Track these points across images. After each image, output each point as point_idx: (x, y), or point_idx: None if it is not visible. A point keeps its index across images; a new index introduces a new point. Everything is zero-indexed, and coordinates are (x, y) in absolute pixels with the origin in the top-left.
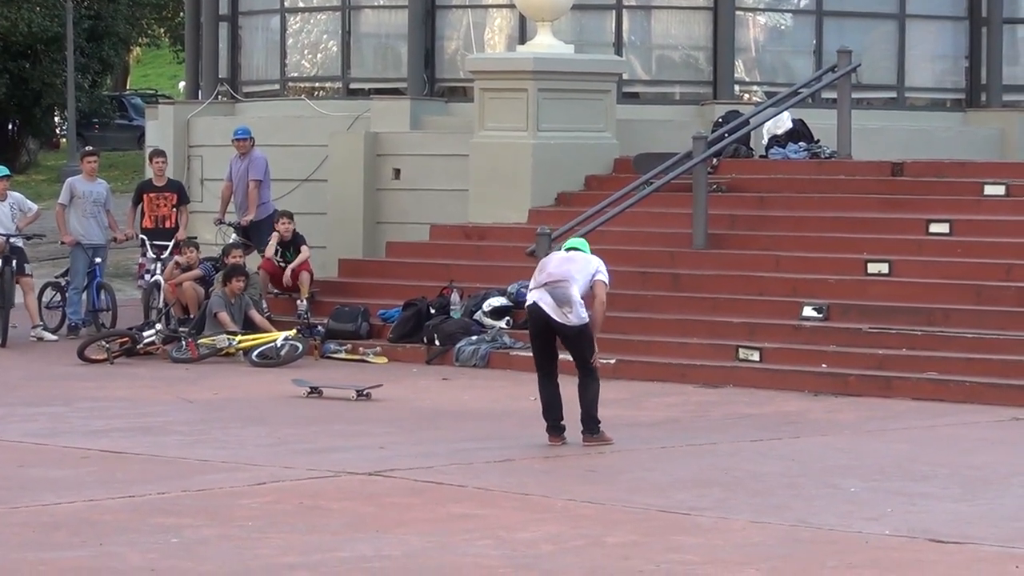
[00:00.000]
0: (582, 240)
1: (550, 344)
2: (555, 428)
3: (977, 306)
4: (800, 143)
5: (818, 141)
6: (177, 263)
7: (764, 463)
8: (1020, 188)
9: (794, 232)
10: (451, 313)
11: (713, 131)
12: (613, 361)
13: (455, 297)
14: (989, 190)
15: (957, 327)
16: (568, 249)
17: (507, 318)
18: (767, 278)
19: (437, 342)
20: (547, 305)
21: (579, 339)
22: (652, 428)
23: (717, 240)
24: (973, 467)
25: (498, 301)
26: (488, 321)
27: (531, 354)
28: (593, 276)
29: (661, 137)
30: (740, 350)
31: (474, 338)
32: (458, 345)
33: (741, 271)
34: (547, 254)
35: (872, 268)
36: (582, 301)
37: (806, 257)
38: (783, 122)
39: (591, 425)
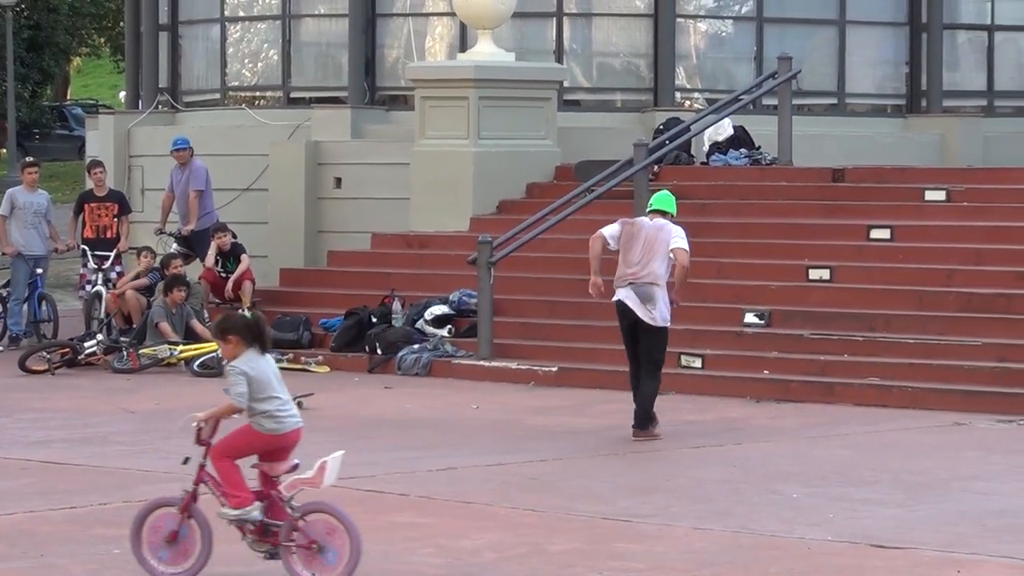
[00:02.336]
0: (667, 197)
1: (636, 338)
2: (639, 422)
3: (919, 312)
4: (741, 150)
5: (759, 148)
6: (138, 274)
7: (707, 469)
8: (961, 193)
9: (736, 239)
10: (393, 322)
11: (654, 138)
12: (555, 369)
13: (397, 306)
14: (930, 196)
15: (899, 333)
16: (653, 211)
17: (449, 326)
18: (709, 285)
19: (379, 351)
20: (632, 302)
21: (656, 337)
22: (595, 435)
23: None
24: (915, 472)
25: (440, 309)
26: (430, 329)
27: (473, 362)
28: (671, 246)
29: (602, 144)
30: (682, 357)
31: (416, 347)
32: (400, 354)
33: None
34: (631, 224)
35: (814, 274)
36: (667, 301)
37: (748, 264)
38: (724, 129)
39: (643, 421)
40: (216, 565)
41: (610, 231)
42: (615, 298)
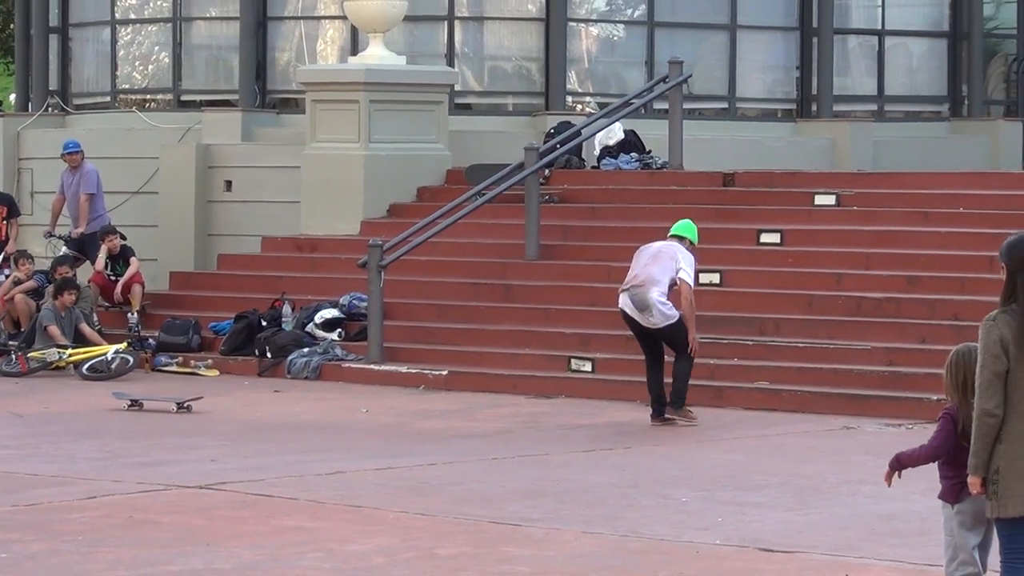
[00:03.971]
0: (686, 224)
1: (647, 337)
2: (655, 410)
3: (808, 315)
4: (632, 154)
5: (650, 152)
6: (17, 280)
7: (596, 473)
8: (850, 198)
9: (626, 242)
10: (283, 325)
11: (545, 142)
12: (445, 373)
13: (287, 309)
14: (820, 200)
15: (788, 336)
16: (672, 236)
17: (339, 330)
18: (599, 288)
19: (269, 354)
20: (630, 308)
21: (669, 335)
22: (484, 439)
23: (549, 251)
24: (804, 476)
25: (330, 313)
26: (320, 333)
27: (363, 366)
28: (676, 273)
29: (493, 148)
30: (573, 361)
31: (306, 350)
32: (290, 357)
33: (573, 282)
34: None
35: (703, 278)
36: (666, 301)
37: None
38: (615, 133)
39: (676, 400)
40: None
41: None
42: (619, 305)
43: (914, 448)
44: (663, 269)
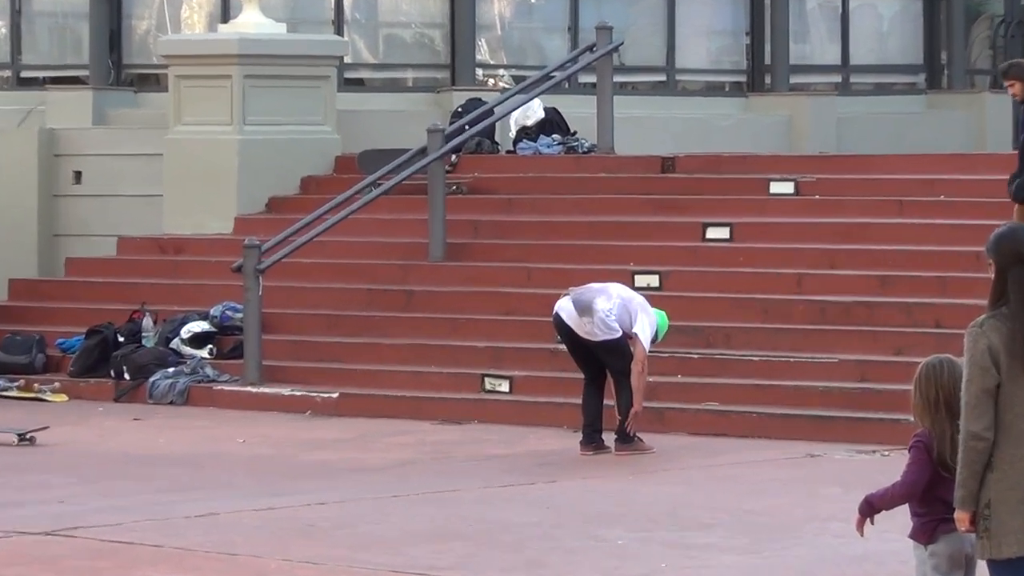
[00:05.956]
0: (662, 319)
1: (584, 351)
2: (586, 436)
3: (764, 324)
4: (554, 135)
5: (575, 133)
6: None
7: (515, 512)
8: (811, 185)
9: (548, 240)
10: (143, 341)
11: (451, 122)
12: (336, 395)
13: (148, 322)
14: (776, 188)
15: (740, 349)
16: None
17: (210, 346)
18: (517, 294)
19: (127, 376)
20: (567, 313)
21: (606, 352)
22: (382, 473)
23: (457, 250)
24: (761, 512)
25: (199, 326)
26: (187, 350)
27: (239, 388)
28: (633, 322)
29: (391, 130)
30: (486, 379)
31: (171, 370)
32: (152, 379)
33: (487, 286)
34: None
35: (640, 281)
36: (613, 318)
37: (562, 269)
38: (533, 111)
39: (623, 435)
40: None
41: None
42: (554, 310)
43: (886, 487)
44: (625, 302)
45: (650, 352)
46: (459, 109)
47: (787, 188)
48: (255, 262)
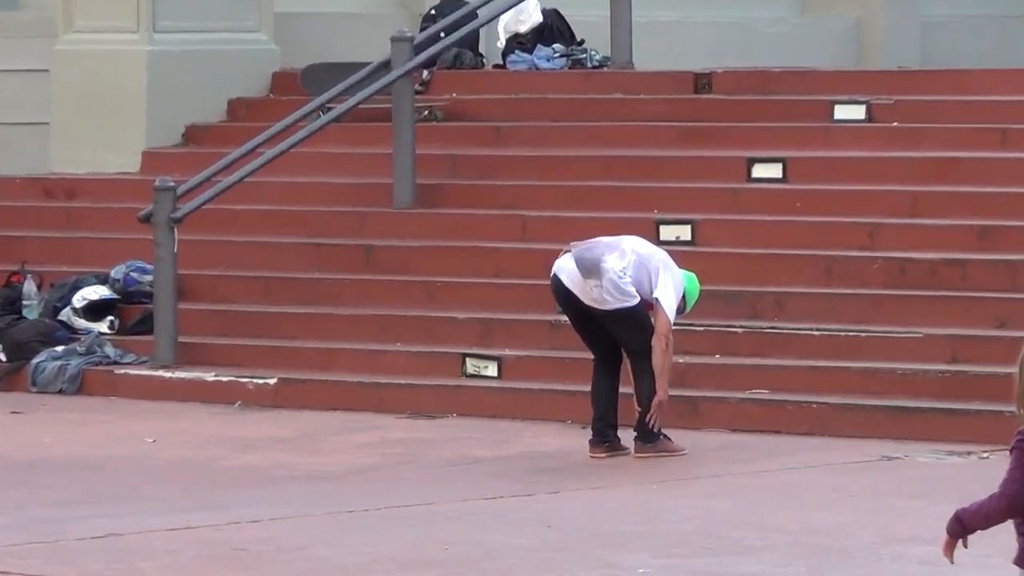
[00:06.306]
0: (692, 283)
1: (592, 324)
2: (596, 434)
3: (826, 288)
4: (554, 45)
5: (582, 42)
6: None
7: (506, 532)
8: (887, 109)
9: (548, 181)
10: (24, 312)
11: (422, 29)
12: (274, 381)
13: (30, 287)
14: (841, 113)
15: (795, 321)
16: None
17: (110, 318)
18: (508, 251)
19: (3, 356)
20: (567, 276)
21: (620, 324)
22: (335, 482)
23: (430, 194)
24: (823, 532)
25: (96, 292)
26: (81, 323)
27: (149, 372)
28: (654, 285)
29: (344, 40)
30: (468, 361)
31: (60, 349)
32: (36, 361)
33: (468, 240)
34: None
35: (667, 232)
36: (627, 280)
37: (565, 218)
38: (528, 14)
39: (645, 431)
40: None
41: None
42: (552, 271)
43: (982, 500)
44: (642, 259)
45: (677, 324)
46: (432, 11)
47: (856, 113)
48: (168, 209)
